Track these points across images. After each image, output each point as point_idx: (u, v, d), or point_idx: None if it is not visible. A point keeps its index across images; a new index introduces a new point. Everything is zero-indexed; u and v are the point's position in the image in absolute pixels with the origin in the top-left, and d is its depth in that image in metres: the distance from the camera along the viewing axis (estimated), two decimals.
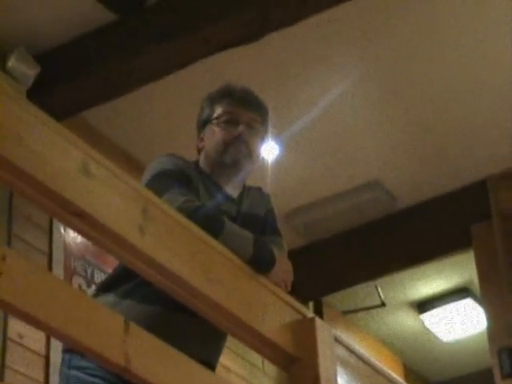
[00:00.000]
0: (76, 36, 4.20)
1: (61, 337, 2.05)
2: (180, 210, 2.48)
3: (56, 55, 4.23)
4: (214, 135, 2.83)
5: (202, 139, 2.89)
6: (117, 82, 4.21)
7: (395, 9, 4.23)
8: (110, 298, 2.66)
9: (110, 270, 3.46)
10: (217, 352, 2.83)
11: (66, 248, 4.27)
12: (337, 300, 5.98)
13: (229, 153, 2.80)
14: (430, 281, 6.07)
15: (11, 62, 4.12)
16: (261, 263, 2.62)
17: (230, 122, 2.82)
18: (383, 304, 6.09)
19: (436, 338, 6.54)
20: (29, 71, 4.16)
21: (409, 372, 6.68)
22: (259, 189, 2.99)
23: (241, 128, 2.81)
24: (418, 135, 4.90)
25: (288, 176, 4.88)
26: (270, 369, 5.16)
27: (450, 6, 4.26)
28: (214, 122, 2.84)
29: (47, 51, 4.22)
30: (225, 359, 4.64)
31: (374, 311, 6.19)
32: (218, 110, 2.85)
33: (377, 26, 4.31)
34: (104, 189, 2.09)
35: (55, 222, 4.18)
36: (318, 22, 4.05)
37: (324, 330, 2.70)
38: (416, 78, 4.60)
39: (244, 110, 2.85)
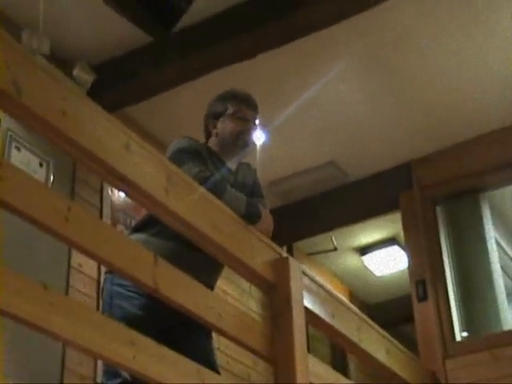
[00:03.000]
0: (121, 53, 4.16)
1: (108, 265, 2.05)
2: (194, 178, 2.48)
3: (107, 66, 4.20)
4: (229, 125, 2.87)
5: (215, 127, 2.90)
6: (151, 86, 4.18)
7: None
8: (142, 236, 2.65)
9: None
10: (217, 278, 2.84)
11: (112, 204, 4.25)
12: (303, 245, 5.97)
13: (240, 139, 2.86)
14: (369, 232, 6.07)
15: (76, 71, 4.10)
16: (251, 217, 2.62)
17: (241, 117, 2.87)
18: (335, 249, 6.09)
19: (372, 273, 6.55)
20: (88, 78, 4.13)
21: (352, 297, 6.71)
22: (248, 164, 3.02)
23: (249, 124, 2.88)
24: (365, 129, 4.88)
25: (271, 156, 4.85)
26: (255, 292, 5.17)
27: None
28: (228, 116, 2.87)
29: (101, 63, 4.19)
30: (222, 285, 4.65)
31: (329, 254, 6.19)
32: (231, 109, 2.88)
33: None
34: (140, 161, 2.09)
35: (105, 185, 4.17)
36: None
37: (295, 266, 2.71)
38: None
39: (249, 110, 2.90)
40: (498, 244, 5.03)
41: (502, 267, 4.90)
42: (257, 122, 2.93)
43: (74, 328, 1.75)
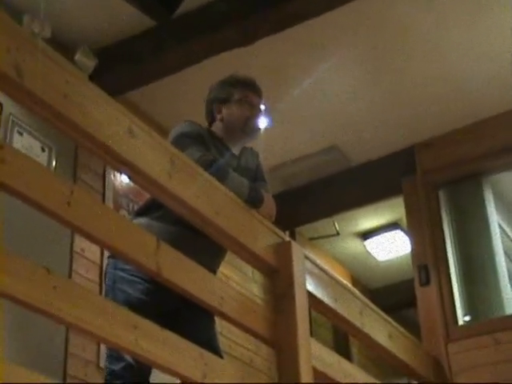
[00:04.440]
0: (123, 38, 4.15)
1: (111, 249, 2.04)
2: (198, 162, 2.47)
3: (109, 51, 4.19)
4: (236, 111, 2.85)
5: (219, 112, 2.88)
6: (153, 71, 4.17)
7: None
8: (145, 220, 2.64)
9: None
10: (219, 263, 2.83)
11: (115, 189, 4.25)
12: (305, 230, 5.98)
13: (248, 125, 2.84)
14: (371, 217, 6.07)
15: (77, 56, 4.08)
16: (253, 201, 2.62)
17: (248, 103, 2.85)
18: (338, 233, 6.10)
19: (374, 258, 6.56)
20: (89, 63, 4.11)
21: (355, 281, 6.72)
22: (251, 148, 3.00)
23: (255, 110, 2.86)
24: (368, 114, 4.87)
25: (274, 141, 4.85)
26: (258, 277, 5.17)
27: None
28: (235, 102, 2.85)
29: (103, 48, 4.18)
30: (225, 269, 4.65)
31: (331, 238, 6.20)
32: (237, 94, 2.86)
33: None
34: (143, 145, 2.08)
35: (108, 170, 4.16)
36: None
37: (297, 250, 2.70)
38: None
39: (255, 97, 2.89)
40: (500, 228, 5.03)
41: (504, 251, 4.89)
42: (262, 107, 2.91)
43: (77, 312, 1.75)
